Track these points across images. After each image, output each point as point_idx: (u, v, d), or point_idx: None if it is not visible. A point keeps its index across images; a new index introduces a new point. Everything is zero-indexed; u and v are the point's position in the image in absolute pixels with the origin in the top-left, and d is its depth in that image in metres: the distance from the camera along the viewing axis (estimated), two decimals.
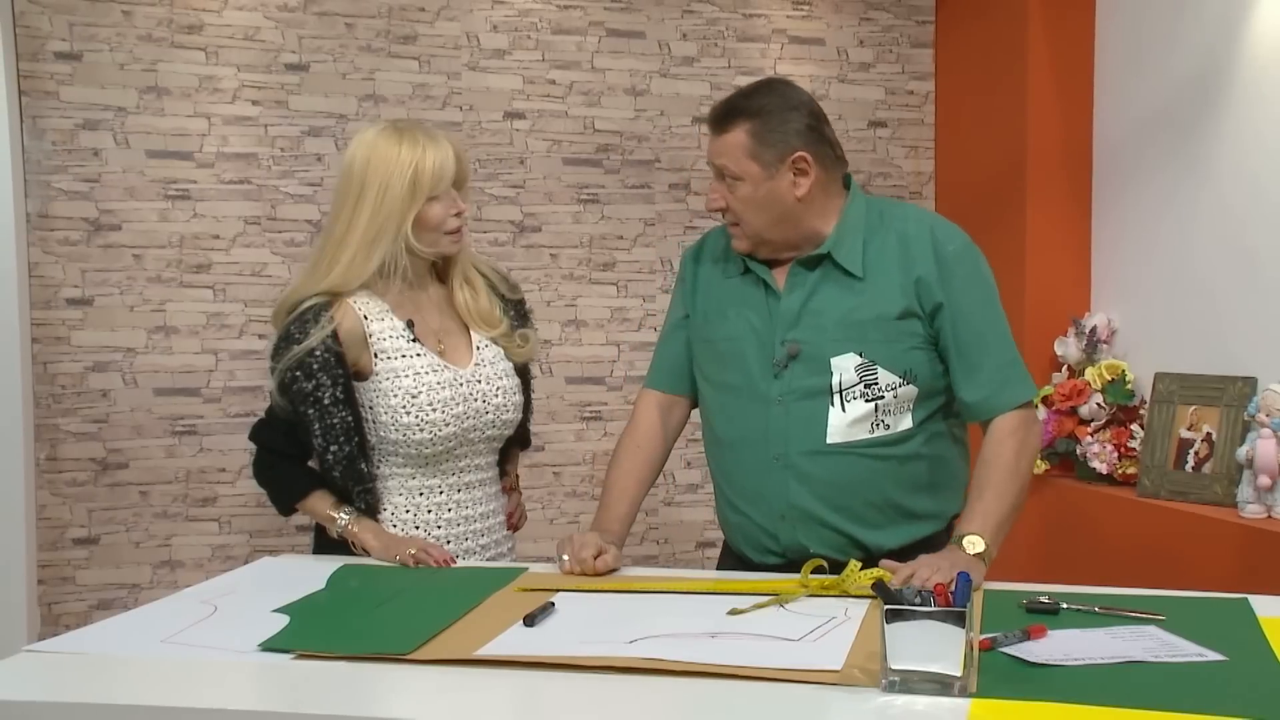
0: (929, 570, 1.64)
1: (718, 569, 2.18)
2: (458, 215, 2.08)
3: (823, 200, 1.96)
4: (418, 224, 2.05)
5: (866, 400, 1.92)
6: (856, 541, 1.96)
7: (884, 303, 1.93)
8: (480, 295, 2.18)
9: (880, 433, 1.93)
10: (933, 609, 1.30)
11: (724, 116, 1.92)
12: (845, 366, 1.92)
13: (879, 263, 1.94)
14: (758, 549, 2.02)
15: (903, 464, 1.96)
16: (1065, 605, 1.61)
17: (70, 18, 3.34)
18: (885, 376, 1.92)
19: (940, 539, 2.00)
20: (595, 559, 1.86)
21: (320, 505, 2.08)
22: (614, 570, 1.88)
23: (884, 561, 1.71)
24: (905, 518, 1.99)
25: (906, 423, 1.94)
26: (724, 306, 2.03)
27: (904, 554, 1.93)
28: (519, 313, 2.25)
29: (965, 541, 1.73)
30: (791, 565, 1.85)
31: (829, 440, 1.92)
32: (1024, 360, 1.99)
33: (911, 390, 1.93)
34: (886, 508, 1.96)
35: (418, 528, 2.09)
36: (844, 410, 1.92)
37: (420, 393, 2.04)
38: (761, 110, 1.91)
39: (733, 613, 1.61)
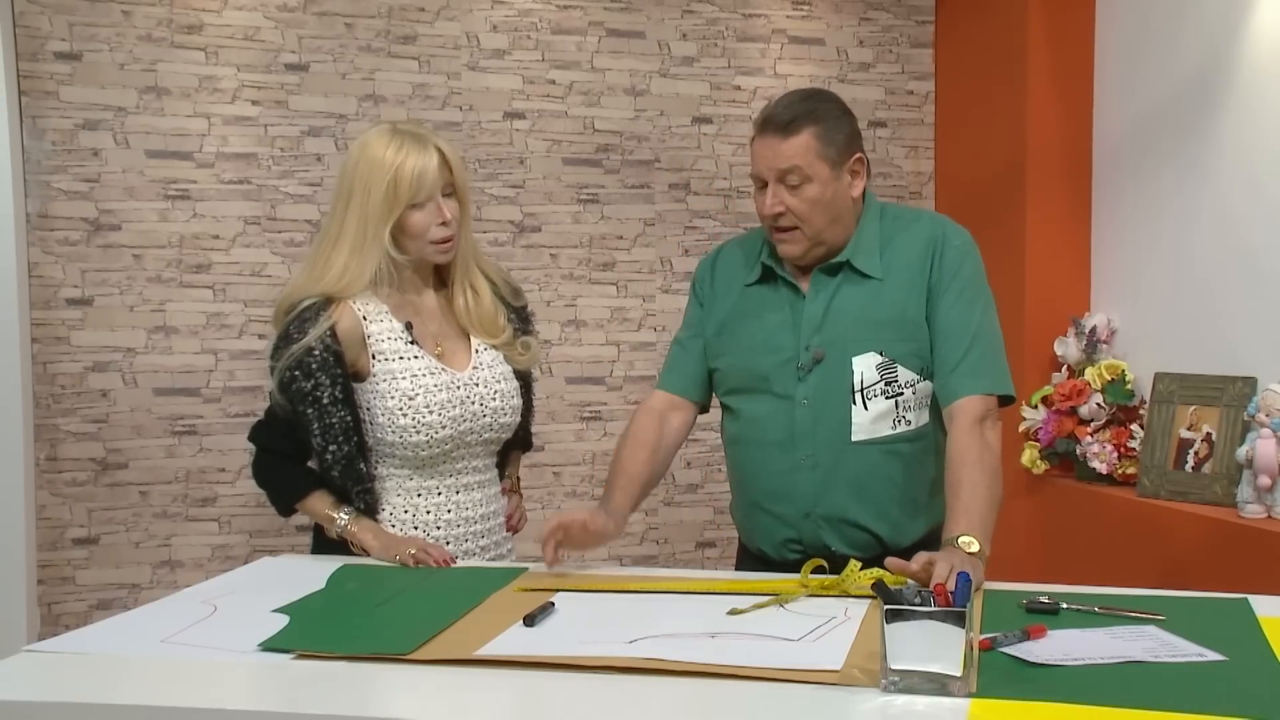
0: (945, 566, 1.61)
1: (736, 569, 2.19)
2: (444, 224, 2.05)
3: (860, 204, 2.02)
4: (401, 232, 2.04)
5: (887, 397, 1.97)
6: (878, 537, 1.99)
7: (903, 303, 1.98)
8: (484, 300, 2.17)
9: (902, 428, 1.98)
10: (933, 609, 1.30)
11: (790, 121, 1.93)
12: (866, 365, 1.96)
13: (897, 265, 1.99)
14: (780, 547, 2.04)
15: (924, 457, 2.01)
16: (1065, 605, 1.61)
17: (70, 18, 3.34)
18: (904, 374, 1.97)
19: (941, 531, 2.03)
20: (571, 528, 1.89)
21: (319, 505, 2.07)
22: (606, 535, 1.92)
23: (889, 560, 1.71)
24: (923, 511, 2.03)
25: (925, 417, 2.00)
26: (746, 313, 2.06)
27: (916, 549, 1.94)
28: (522, 319, 2.25)
29: (961, 542, 1.72)
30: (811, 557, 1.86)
31: (854, 438, 1.97)
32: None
33: (929, 386, 1.99)
34: (908, 502, 2.01)
35: (416, 528, 2.09)
36: (866, 408, 1.96)
37: (417, 395, 2.04)
38: (825, 114, 1.95)
39: (733, 613, 1.61)
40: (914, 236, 2.01)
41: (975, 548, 1.71)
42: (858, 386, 1.96)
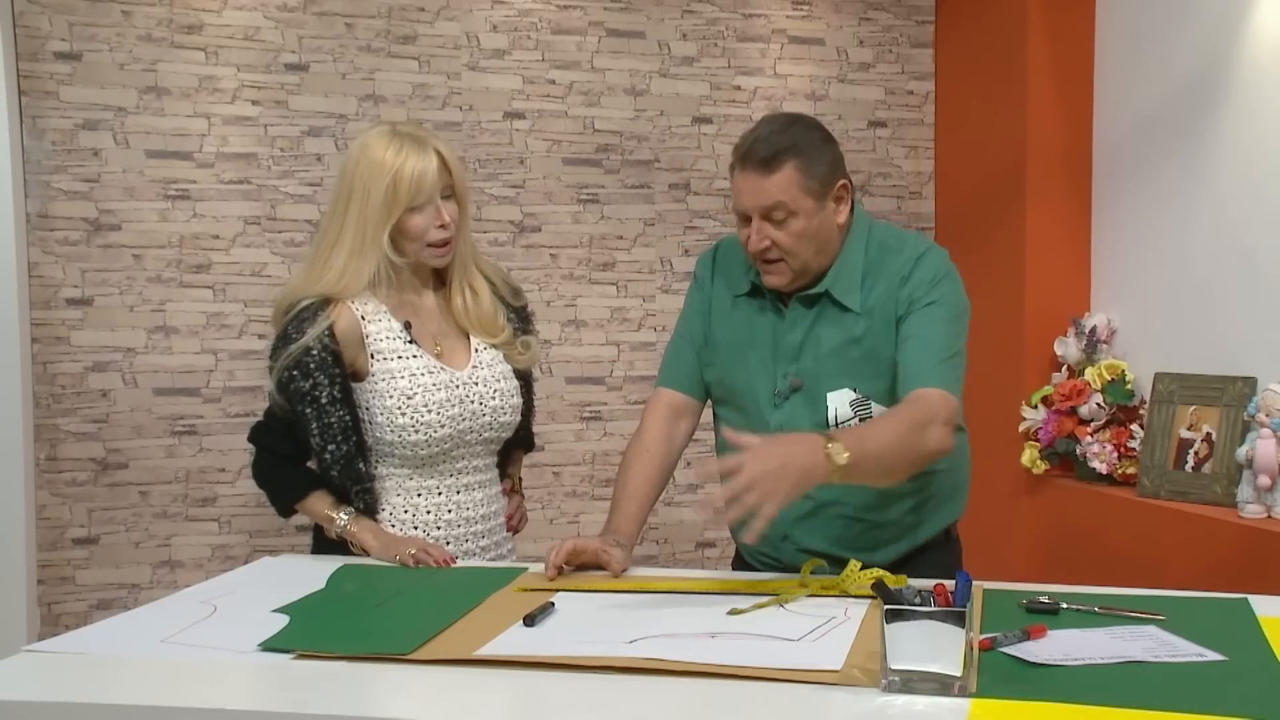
0: (759, 463, 1.57)
1: (733, 569, 2.18)
2: (442, 228, 2.05)
3: (846, 229, 1.97)
4: (400, 234, 2.03)
5: None
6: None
7: (878, 340, 1.93)
8: (482, 300, 2.16)
9: None
10: (933, 609, 1.30)
11: (771, 157, 1.86)
12: (840, 401, 1.93)
13: (875, 299, 1.94)
14: (760, 562, 2.05)
15: (898, 489, 1.95)
16: (1065, 605, 1.61)
17: (70, 18, 3.34)
18: (879, 409, 1.93)
19: (937, 542, 2.03)
20: (589, 553, 1.87)
21: (319, 506, 2.07)
22: (624, 570, 1.88)
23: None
24: (903, 535, 2.00)
25: None
26: (732, 327, 2.04)
27: (902, 564, 1.93)
28: (521, 318, 2.25)
29: (830, 446, 1.65)
30: (794, 572, 1.86)
31: None
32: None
33: None
34: (882, 531, 1.98)
35: (416, 528, 2.09)
36: None
37: (415, 394, 2.04)
38: (806, 145, 1.89)
39: (733, 613, 1.61)
40: (891, 270, 1.94)
41: (835, 453, 1.64)
42: (831, 422, 1.93)
